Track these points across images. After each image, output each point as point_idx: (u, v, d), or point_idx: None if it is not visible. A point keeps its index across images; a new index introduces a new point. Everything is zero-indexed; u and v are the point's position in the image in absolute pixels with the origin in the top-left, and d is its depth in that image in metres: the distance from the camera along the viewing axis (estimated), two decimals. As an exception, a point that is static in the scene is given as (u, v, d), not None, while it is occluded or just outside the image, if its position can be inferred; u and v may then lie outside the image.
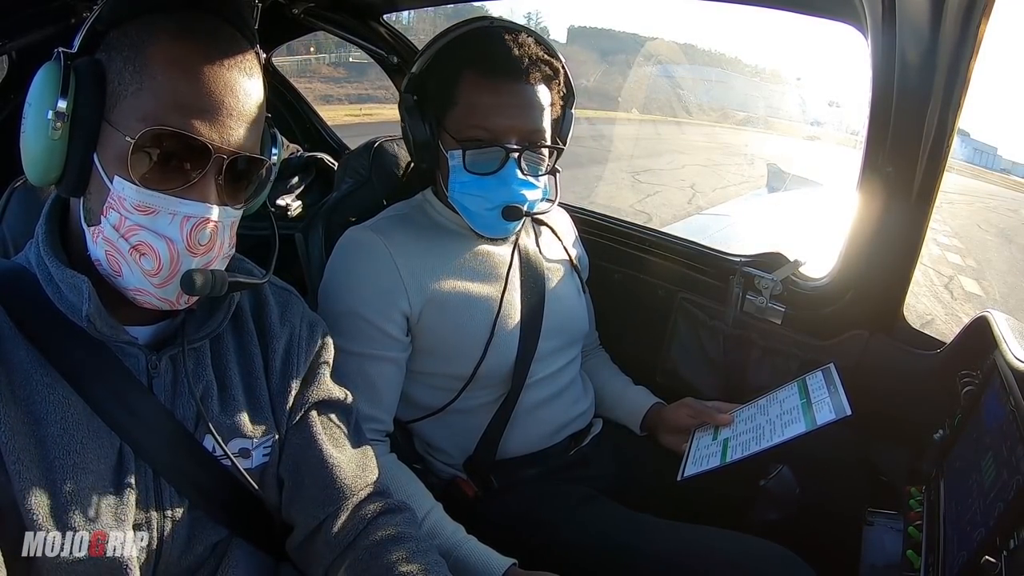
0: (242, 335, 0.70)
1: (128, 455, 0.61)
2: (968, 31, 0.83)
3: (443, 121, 0.93)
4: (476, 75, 0.90)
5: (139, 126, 0.56)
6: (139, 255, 0.58)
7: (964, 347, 1.00)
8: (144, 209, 0.57)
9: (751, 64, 35.05)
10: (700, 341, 1.28)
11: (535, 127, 0.92)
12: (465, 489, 1.01)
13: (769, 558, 0.85)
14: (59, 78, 0.57)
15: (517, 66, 0.89)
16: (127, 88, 0.57)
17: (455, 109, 0.92)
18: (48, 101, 0.57)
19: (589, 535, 0.93)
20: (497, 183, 0.91)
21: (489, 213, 0.93)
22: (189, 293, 0.60)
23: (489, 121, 0.90)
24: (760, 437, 0.95)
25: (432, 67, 0.94)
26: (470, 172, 0.91)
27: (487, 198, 0.92)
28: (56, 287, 0.61)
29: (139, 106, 0.57)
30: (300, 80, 6.03)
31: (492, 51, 0.90)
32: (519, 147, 0.91)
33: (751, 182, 11.19)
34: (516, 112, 0.90)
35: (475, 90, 0.90)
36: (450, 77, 0.92)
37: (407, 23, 9.20)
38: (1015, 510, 0.64)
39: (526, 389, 1.00)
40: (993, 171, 26.76)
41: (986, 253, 8.94)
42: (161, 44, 0.58)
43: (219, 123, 0.58)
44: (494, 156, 0.91)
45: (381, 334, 0.93)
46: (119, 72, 0.58)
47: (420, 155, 0.97)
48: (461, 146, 0.91)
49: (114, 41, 0.59)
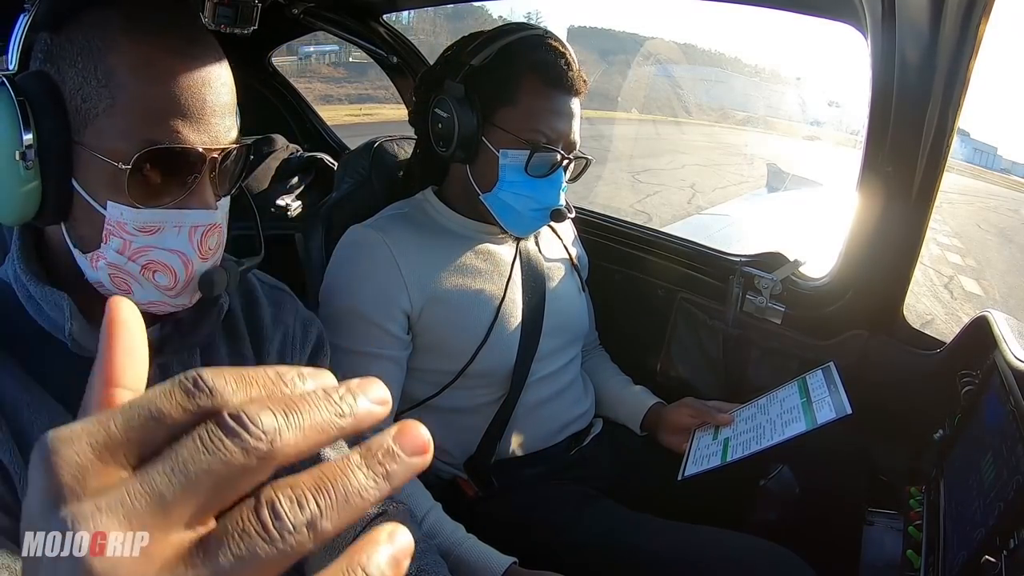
0: (234, 337, 0.69)
1: None
2: (968, 31, 0.83)
3: (493, 117, 0.94)
4: (539, 81, 0.93)
5: (124, 147, 0.52)
6: (152, 273, 0.56)
7: (964, 347, 1.00)
8: (148, 229, 0.55)
9: (751, 64, 35.07)
10: (700, 341, 1.28)
11: (575, 138, 0.97)
12: (465, 489, 1.01)
13: (769, 558, 0.85)
14: (13, 107, 0.51)
15: (572, 79, 0.94)
16: (95, 105, 0.52)
17: (515, 108, 0.93)
18: (10, 137, 0.51)
19: (589, 535, 0.93)
20: (548, 186, 0.95)
21: (534, 214, 0.96)
22: (210, 295, 0.59)
23: (549, 127, 0.93)
24: (761, 436, 0.95)
25: (492, 64, 0.94)
26: (528, 174, 0.94)
27: (537, 199, 0.95)
28: (36, 304, 0.57)
29: (116, 124, 0.52)
30: (300, 80, 6.03)
31: (555, 62, 0.93)
32: (569, 155, 0.95)
33: (751, 182, 11.19)
34: (568, 121, 0.95)
35: (537, 95, 0.93)
36: (511, 77, 0.93)
37: (407, 23, 9.20)
38: (1015, 510, 0.64)
39: (527, 388, 1.00)
40: (993, 171, 26.77)
41: (986, 253, 8.94)
42: (121, 49, 0.52)
43: (204, 123, 0.55)
44: (548, 160, 0.94)
45: (382, 332, 0.93)
46: (79, 87, 0.52)
47: (461, 148, 0.94)
48: (529, 146, 0.92)
49: (58, 50, 0.53)
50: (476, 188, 0.97)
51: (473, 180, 0.97)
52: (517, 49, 0.94)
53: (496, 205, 0.97)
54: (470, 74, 0.94)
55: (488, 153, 0.94)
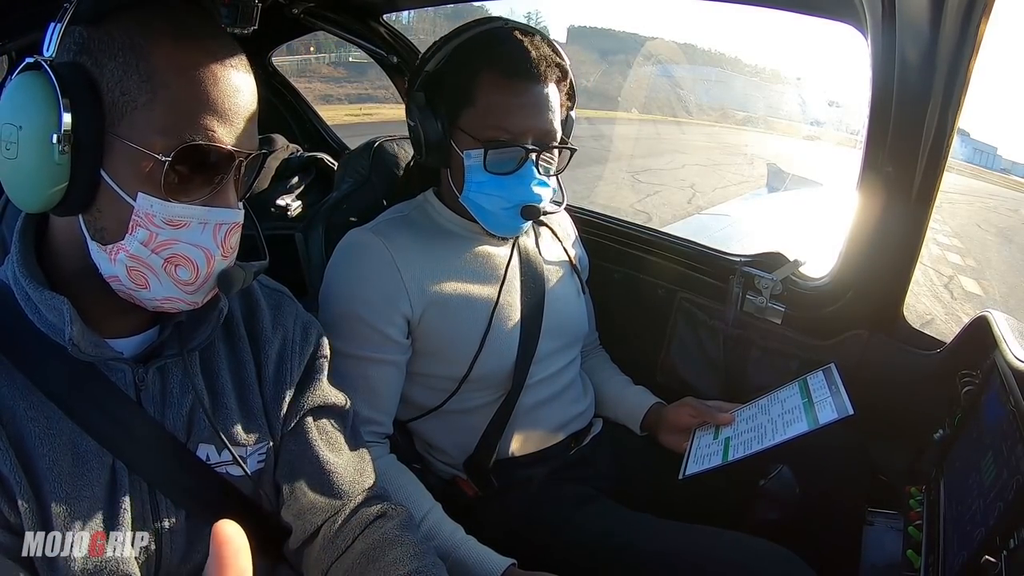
0: (233, 341, 0.69)
1: (121, 471, 0.60)
2: (968, 31, 0.83)
3: (457, 120, 0.93)
4: (495, 75, 0.90)
5: (162, 140, 0.54)
6: (174, 267, 0.57)
7: (964, 347, 1.00)
8: (176, 223, 0.56)
9: (751, 64, 35.02)
10: (700, 341, 1.28)
11: (549, 128, 0.92)
12: (465, 489, 1.01)
13: (769, 558, 0.85)
14: (54, 91, 0.52)
15: (534, 68, 0.90)
16: (135, 99, 0.54)
17: (472, 109, 0.92)
18: (48, 120, 0.52)
19: (589, 535, 0.93)
20: (515, 183, 0.92)
21: (506, 212, 0.93)
22: (228, 292, 0.60)
23: (508, 121, 0.90)
24: (762, 436, 0.95)
25: (447, 66, 0.94)
26: (489, 172, 0.91)
27: (505, 197, 0.92)
28: (35, 307, 0.58)
29: (156, 118, 0.54)
30: (300, 80, 6.04)
31: (510, 52, 0.90)
32: (536, 148, 0.91)
33: (751, 182, 11.19)
34: (533, 113, 0.91)
35: (494, 90, 0.90)
36: (467, 77, 0.91)
37: (407, 23, 9.20)
38: (1015, 510, 0.64)
39: (526, 390, 1.00)
40: (993, 171, 26.74)
41: (986, 253, 8.94)
42: (164, 49, 0.54)
43: (235, 126, 0.57)
44: (513, 156, 0.91)
45: (382, 337, 0.93)
46: (119, 80, 0.54)
47: (431, 154, 0.96)
48: (483, 145, 0.91)
49: (96, 43, 0.55)
50: (455, 191, 0.97)
51: (452, 183, 0.97)
52: (471, 48, 0.93)
53: (471, 206, 0.96)
54: (427, 81, 0.95)
55: (457, 156, 0.94)
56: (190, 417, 0.64)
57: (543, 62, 0.91)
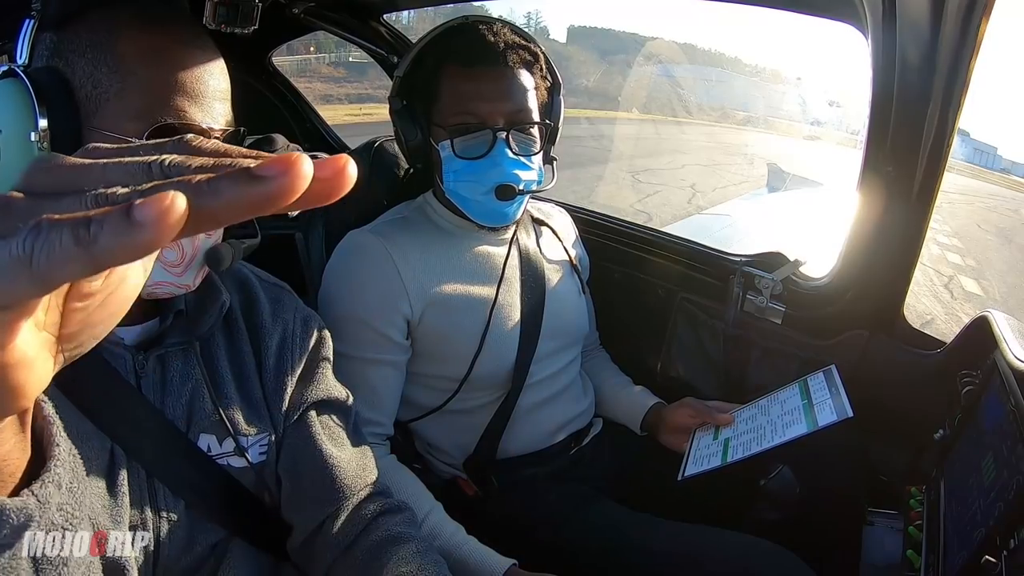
0: (232, 334, 0.69)
1: (120, 456, 0.60)
2: (968, 31, 0.83)
3: (430, 117, 0.94)
4: (455, 66, 0.92)
5: (135, 125, 0.56)
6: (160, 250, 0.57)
7: (964, 347, 1.00)
8: None
9: (751, 64, 35.04)
10: (700, 341, 1.28)
11: (518, 107, 0.92)
12: (465, 489, 1.01)
13: (769, 558, 0.85)
14: (29, 96, 0.55)
15: (493, 51, 0.91)
16: (107, 90, 0.56)
17: (439, 102, 0.93)
18: (26, 122, 0.55)
19: (589, 535, 0.93)
20: (488, 165, 0.91)
21: (484, 198, 0.93)
22: (216, 268, 0.61)
23: (472, 106, 0.91)
24: (762, 437, 0.95)
25: (414, 68, 0.96)
26: (461, 158, 0.92)
27: (480, 181, 0.92)
28: None
29: (127, 106, 0.56)
30: (300, 80, 6.04)
31: (468, 42, 0.92)
32: (505, 128, 0.92)
33: (751, 182, 11.17)
34: (497, 95, 0.91)
35: (456, 80, 0.91)
36: (431, 74, 0.93)
37: (407, 23, 9.19)
38: (1015, 510, 0.64)
39: (526, 390, 1.00)
40: (993, 171, 26.75)
41: (986, 253, 8.93)
42: (130, 37, 0.56)
43: (207, 105, 0.58)
44: (483, 139, 0.91)
45: (382, 338, 0.93)
46: (89, 75, 0.56)
47: (415, 157, 0.98)
48: (449, 134, 0.92)
49: (66, 45, 0.57)
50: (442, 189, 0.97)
51: (439, 181, 0.97)
52: (432, 46, 0.95)
53: (454, 198, 0.96)
54: (404, 86, 0.96)
55: (435, 153, 0.95)
56: (190, 406, 0.64)
57: (502, 45, 0.91)
